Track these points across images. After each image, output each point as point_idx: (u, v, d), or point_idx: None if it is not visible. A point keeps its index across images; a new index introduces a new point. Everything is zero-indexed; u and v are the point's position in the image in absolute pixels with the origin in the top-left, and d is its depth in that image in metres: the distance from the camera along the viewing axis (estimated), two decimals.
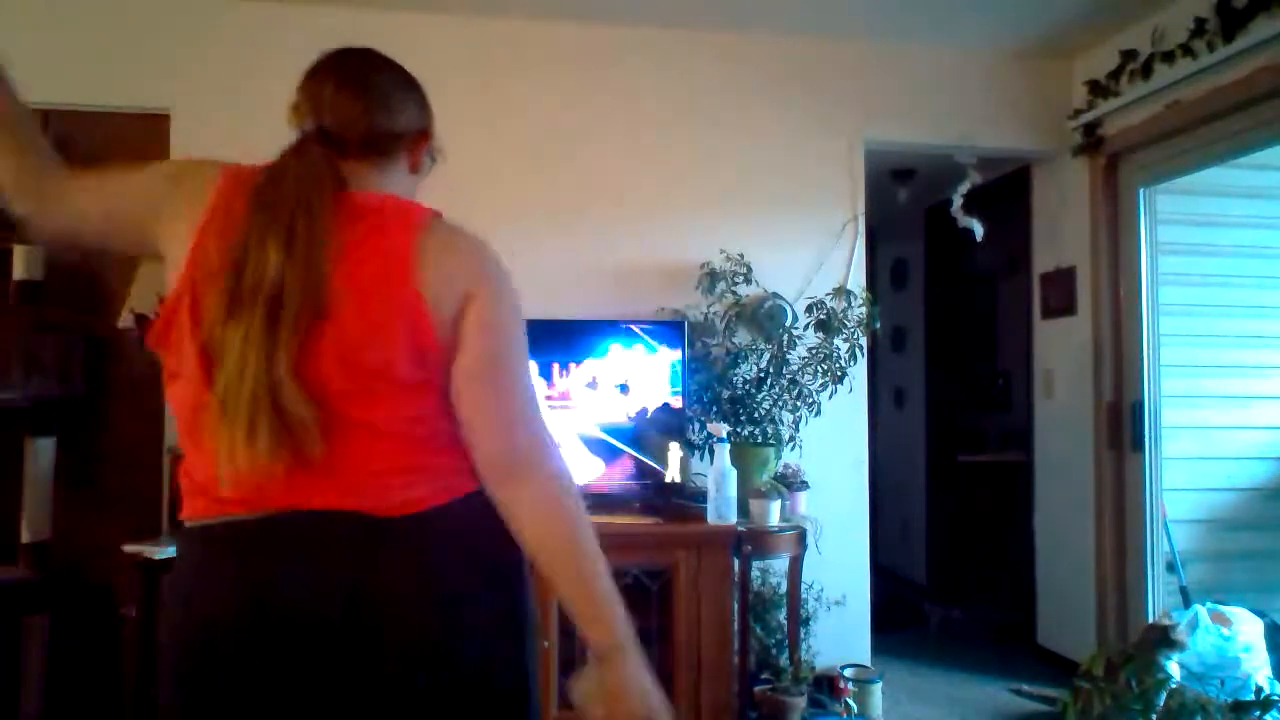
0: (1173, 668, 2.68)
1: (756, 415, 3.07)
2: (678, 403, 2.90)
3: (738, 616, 2.72)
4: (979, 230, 3.45)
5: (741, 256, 3.17)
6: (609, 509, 2.78)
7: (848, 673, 3.01)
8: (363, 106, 1.16)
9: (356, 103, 1.16)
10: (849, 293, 3.23)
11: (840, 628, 3.26)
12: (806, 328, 3.15)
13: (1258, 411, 3.41)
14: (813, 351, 3.12)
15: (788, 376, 3.11)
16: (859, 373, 3.26)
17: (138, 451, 2.93)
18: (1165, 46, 3.09)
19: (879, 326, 3.40)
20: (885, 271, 5.39)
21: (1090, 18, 3.23)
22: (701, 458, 3.04)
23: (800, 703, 2.76)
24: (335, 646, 1.03)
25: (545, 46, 3.27)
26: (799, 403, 3.11)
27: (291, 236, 1.05)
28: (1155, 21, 3.13)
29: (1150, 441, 3.30)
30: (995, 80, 3.55)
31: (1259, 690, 2.49)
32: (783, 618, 3.03)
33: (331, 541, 1.05)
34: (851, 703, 2.92)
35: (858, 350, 3.14)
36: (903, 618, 4.26)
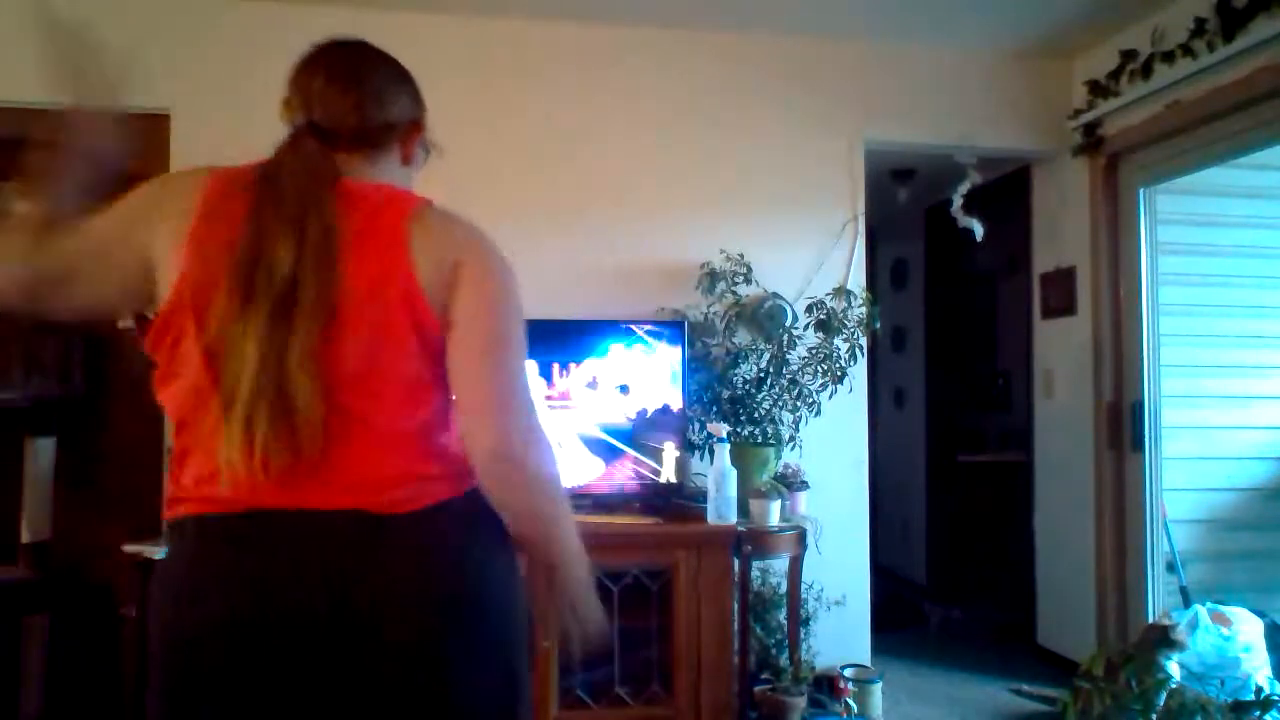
0: (1173, 668, 2.68)
1: (756, 415, 3.07)
2: (677, 404, 2.90)
3: (738, 616, 2.72)
4: (979, 230, 3.45)
5: (741, 256, 3.18)
6: (609, 509, 2.78)
7: (848, 673, 3.01)
8: (353, 99, 1.16)
9: (347, 96, 1.15)
10: (849, 293, 3.23)
11: (840, 628, 3.26)
12: (806, 328, 3.15)
13: (1258, 411, 3.41)
14: (813, 351, 3.12)
15: (788, 376, 3.11)
16: (859, 373, 3.26)
17: (138, 451, 2.93)
18: (1165, 46, 3.09)
19: (879, 326, 3.40)
20: (885, 271, 5.39)
21: (1090, 18, 3.23)
22: (701, 458, 3.04)
23: (800, 703, 2.76)
24: (327, 643, 1.03)
25: (545, 46, 3.27)
26: (799, 403, 3.11)
27: (303, 231, 1.04)
28: (1155, 21, 3.14)
29: (1150, 441, 3.30)
30: (995, 80, 3.55)
31: (1259, 690, 2.49)
32: (783, 618, 3.03)
33: (325, 538, 1.04)
34: (851, 703, 2.92)
35: (858, 350, 3.15)
36: (903, 618, 4.26)
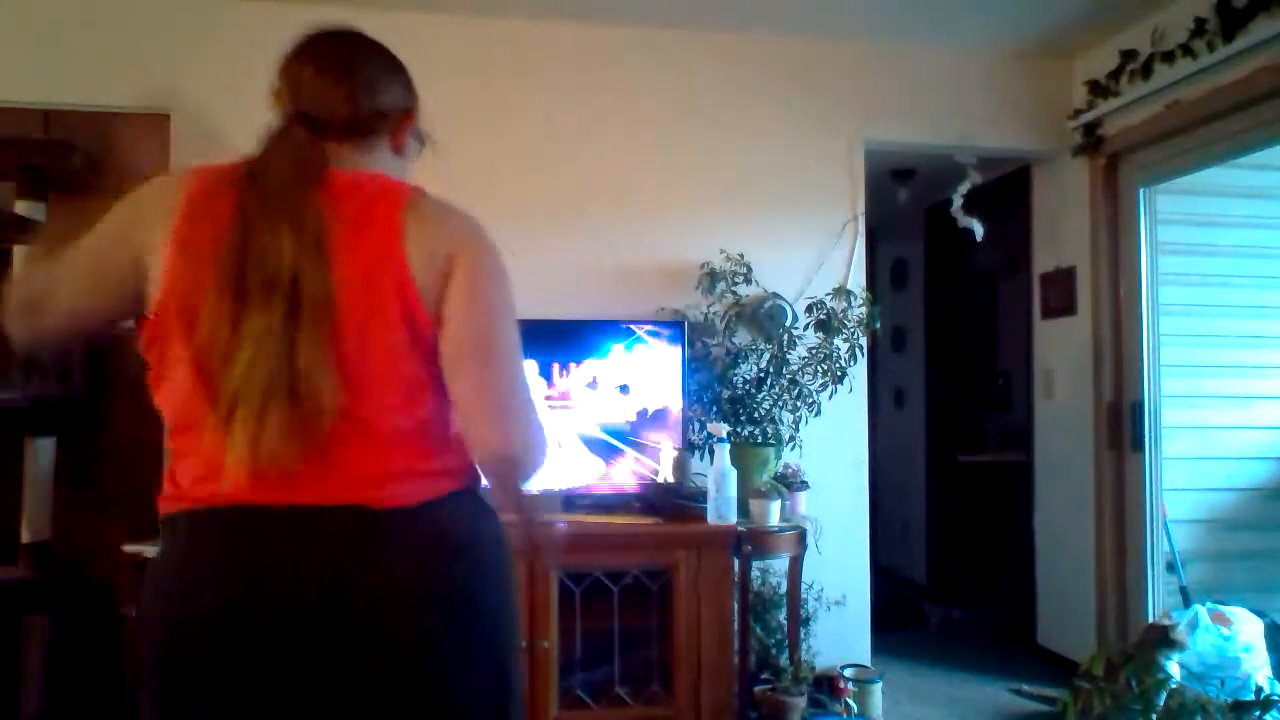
0: (1173, 668, 2.68)
1: (756, 415, 3.07)
2: (677, 404, 2.90)
3: (738, 616, 2.72)
4: (979, 230, 3.45)
5: (741, 256, 3.18)
6: (609, 509, 2.78)
7: (848, 673, 3.01)
8: (344, 88, 1.14)
9: (337, 85, 1.14)
10: (849, 293, 3.22)
11: (840, 628, 3.26)
12: (806, 328, 3.15)
13: (1258, 411, 3.41)
14: (813, 351, 3.12)
15: (788, 376, 3.11)
16: (859, 373, 3.26)
17: (138, 451, 2.92)
18: (1165, 46, 3.09)
19: (879, 326, 3.39)
20: (885, 271, 5.39)
21: (1090, 18, 3.23)
22: (701, 458, 3.04)
23: (800, 703, 2.76)
24: (321, 638, 1.02)
25: (545, 46, 3.27)
26: (799, 403, 3.11)
27: (299, 224, 1.03)
28: (1155, 21, 3.14)
29: (1150, 441, 3.29)
30: (995, 80, 3.55)
31: (1259, 690, 2.49)
32: (783, 618, 3.03)
33: (320, 533, 1.03)
34: (851, 703, 2.92)
35: (858, 350, 3.14)
36: (903, 618, 4.26)
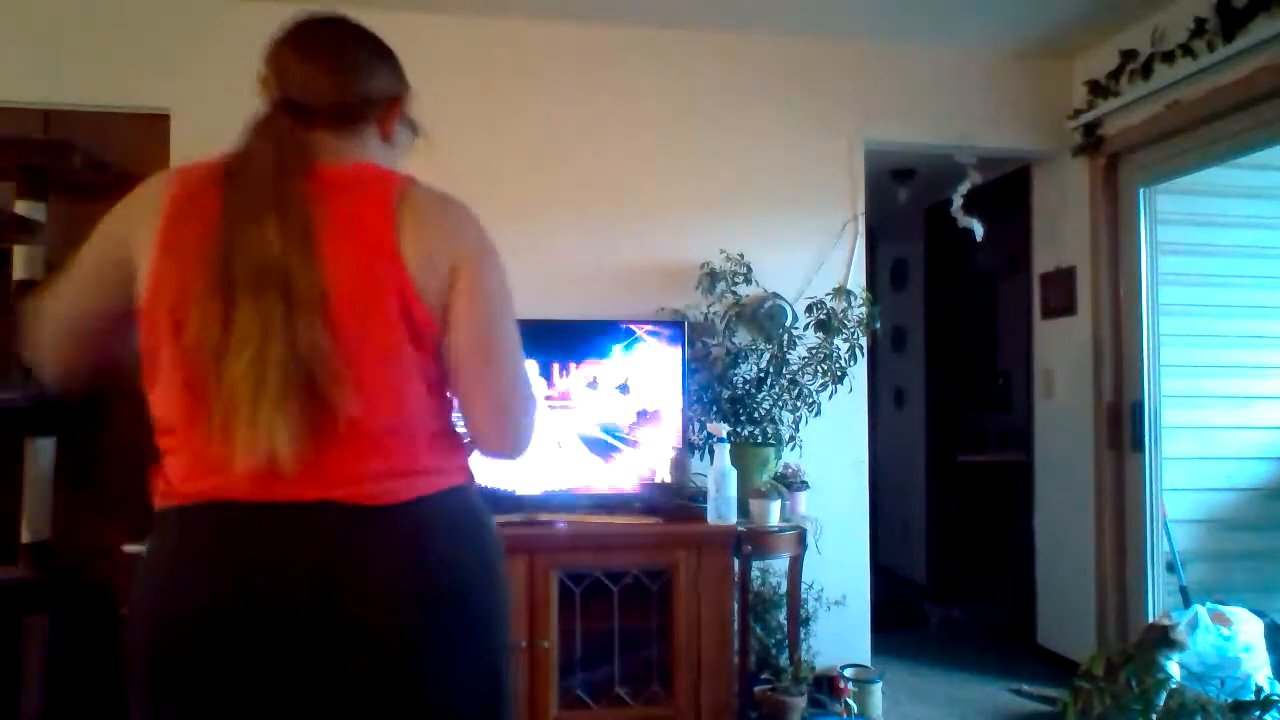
0: (1173, 668, 2.68)
1: (756, 415, 3.07)
2: (677, 403, 2.90)
3: (738, 616, 2.72)
4: (979, 230, 3.45)
5: (741, 256, 3.17)
6: (609, 509, 2.78)
7: (848, 673, 3.01)
8: (330, 74, 1.13)
9: (324, 70, 1.13)
10: (849, 293, 3.22)
11: (840, 628, 3.26)
12: (806, 328, 3.14)
13: (1258, 411, 3.41)
14: (813, 351, 3.12)
15: (788, 376, 3.11)
16: (859, 373, 3.26)
17: (138, 451, 2.91)
18: (1165, 46, 3.09)
19: (879, 326, 3.39)
20: (885, 271, 5.39)
21: (1090, 18, 3.23)
22: (701, 458, 3.04)
23: (800, 703, 2.76)
24: (311, 633, 1.01)
25: (545, 46, 3.27)
26: (799, 403, 3.11)
27: (284, 214, 1.02)
28: (1155, 21, 3.14)
29: (1150, 441, 3.29)
30: (995, 80, 3.55)
31: (1259, 690, 2.49)
32: (783, 618, 3.03)
33: (310, 529, 1.03)
34: (851, 703, 2.92)
35: (858, 350, 3.14)
36: (903, 618, 4.26)
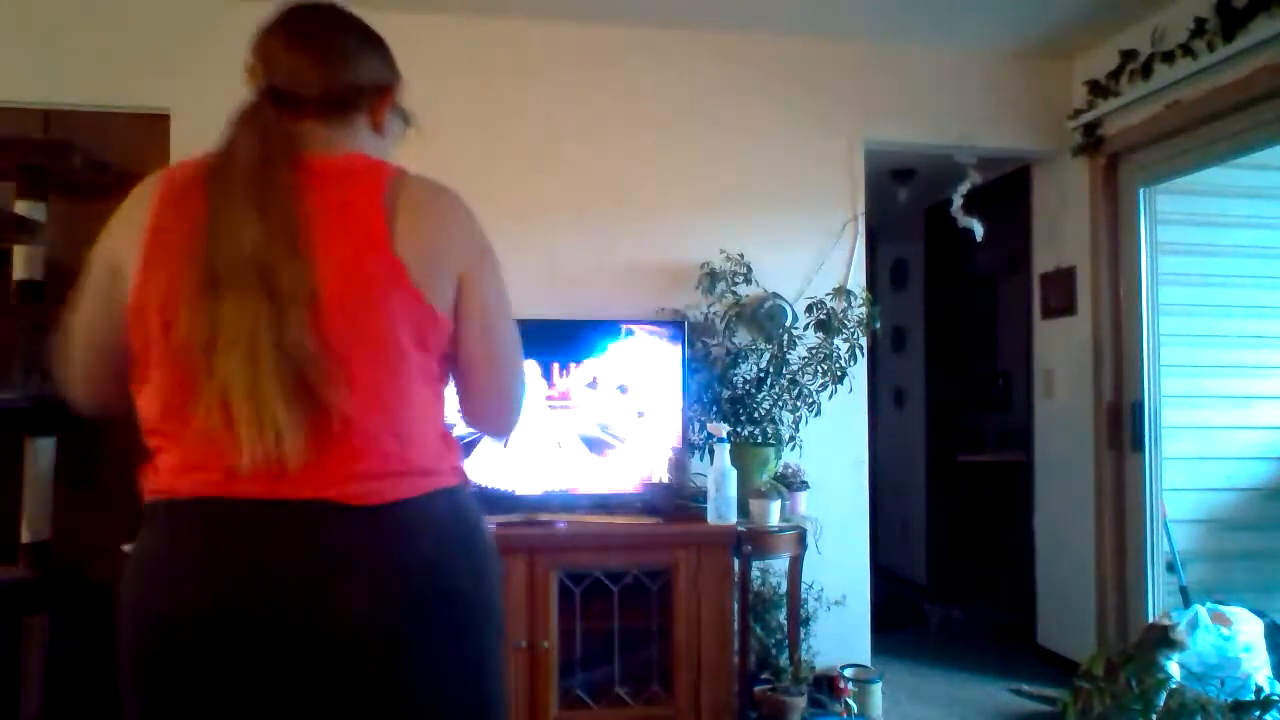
0: (1173, 668, 2.68)
1: (756, 415, 3.07)
2: (677, 403, 2.90)
3: (738, 616, 2.72)
4: (979, 230, 3.45)
5: (741, 256, 3.17)
6: (609, 509, 2.78)
7: (848, 673, 3.01)
8: (317, 63, 1.11)
9: (311, 59, 1.11)
10: (849, 293, 3.23)
11: (840, 628, 3.26)
12: (806, 328, 3.15)
13: (1258, 411, 3.41)
14: (813, 351, 3.12)
15: (788, 376, 3.11)
16: (859, 373, 3.26)
17: (138, 451, 2.93)
18: (1165, 46, 3.09)
19: (879, 326, 3.39)
20: (885, 271, 5.39)
21: (1090, 18, 3.23)
22: (701, 458, 3.04)
23: (800, 703, 2.76)
24: (300, 632, 1.00)
25: (545, 46, 3.27)
26: (799, 403, 3.11)
27: (264, 205, 1.00)
28: (1155, 21, 3.14)
29: (1150, 441, 3.29)
30: (995, 80, 3.55)
31: (1259, 690, 2.49)
32: (783, 618, 3.03)
33: (301, 528, 1.01)
34: (851, 703, 2.92)
35: (858, 350, 3.14)
36: (903, 618, 4.26)
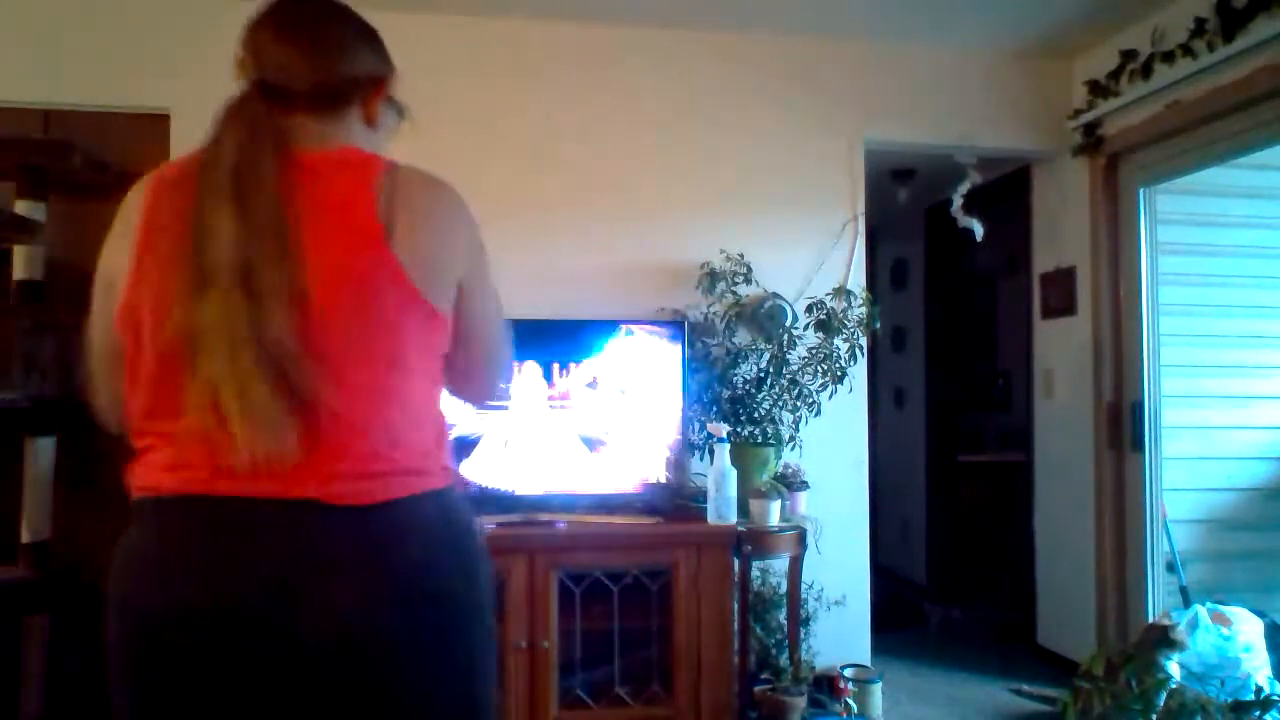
0: (1173, 668, 2.68)
1: (756, 415, 3.07)
2: (677, 404, 2.90)
3: (738, 616, 2.72)
4: (979, 230, 3.45)
5: (741, 256, 3.17)
6: (609, 509, 2.78)
7: (848, 673, 3.00)
8: (308, 55, 1.10)
9: (301, 51, 1.10)
10: (849, 293, 3.23)
11: (840, 628, 3.26)
12: (806, 328, 3.15)
13: (1258, 411, 3.41)
14: (813, 351, 3.12)
15: (788, 376, 3.11)
16: (859, 373, 3.26)
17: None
18: (1165, 46, 3.09)
19: (879, 326, 3.39)
20: (885, 271, 5.39)
21: (1090, 18, 3.23)
22: (701, 458, 3.04)
23: (800, 703, 2.76)
24: (287, 631, 0.98)
25: (545, 46, 3.27)
26: (799, 403, 3.11)
27: (244, 204, 0.98)
28: (1155, 21, 3.14)
29: (1150, 441, 3.29)
30: (995, 80, 3.55)
31: (1259, 690, 2.49)
32: (783, 618, 3.03)
33: (288, 527, 0.99)
34: (851, 703, 2.92)
35: (858, 350, 3.14)
36: (903, 618, 4.26)
